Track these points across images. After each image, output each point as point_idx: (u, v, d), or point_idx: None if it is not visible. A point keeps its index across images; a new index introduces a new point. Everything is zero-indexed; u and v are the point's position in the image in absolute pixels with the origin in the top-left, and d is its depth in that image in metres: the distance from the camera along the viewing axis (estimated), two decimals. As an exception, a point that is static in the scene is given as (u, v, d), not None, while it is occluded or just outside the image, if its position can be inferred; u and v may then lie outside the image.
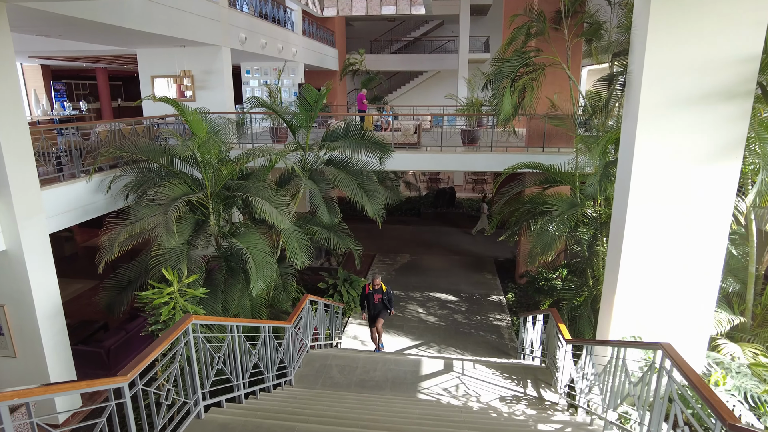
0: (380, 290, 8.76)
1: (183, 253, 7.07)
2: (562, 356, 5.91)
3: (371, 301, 8.80)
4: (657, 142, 5.14)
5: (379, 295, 8.77)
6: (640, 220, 5.40)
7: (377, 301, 8.78)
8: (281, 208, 7.44)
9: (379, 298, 8.78)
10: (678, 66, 4.87)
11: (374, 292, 8.75)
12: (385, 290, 8.78)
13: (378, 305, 8.85)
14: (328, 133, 9.27)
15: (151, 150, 8.06)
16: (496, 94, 10.19)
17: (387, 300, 8.80)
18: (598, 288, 8.96)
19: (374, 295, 8.77)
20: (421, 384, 6.38)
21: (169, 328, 3.52)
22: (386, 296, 8.79)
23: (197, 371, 3.78)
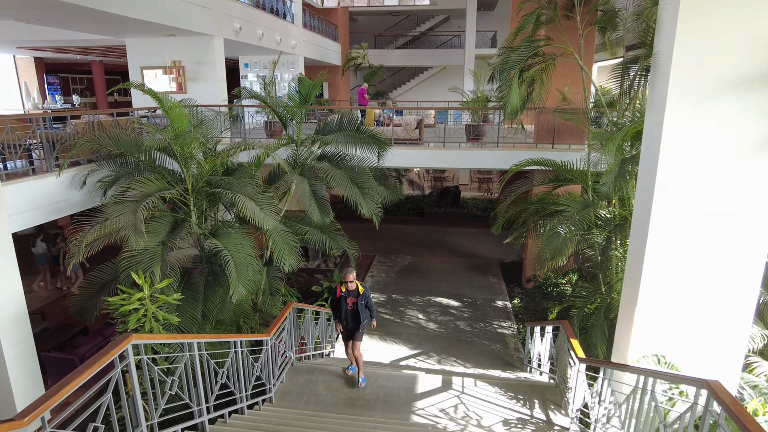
0: (356, 292, 6.42)
1: (157, 254, 6.44)
2: (574, 376, 5.24)
3: (343, 307, 6.49)
4: (688, 134, 4.45)
5: (353, 299, 6.42)
6: (665, 224, 4.72)
7: (351, 307, 6.44)
8: (266, 207, 6.80)
9: (353, 304, 6.41)
10: (715, 44, 4.18)
11: (347, 294, 6.47)
12: (362, 292, 6.43)
13: (351, 314, 6.45)
14: (320, 126, 8.62)
15: (128, 143, 7.45)
16: (502, 86, 9.50)
17: (366, 306, 6.49)
18: (612, 296, 8.28)
19: (347, 299, 6.45)
20: (416, 403, 5.73)
21: (97, 353, 2.90)
22: (364, 301, 6.43)
23: (140, 401, 3.16)
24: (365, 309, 6.47)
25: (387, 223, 17.36)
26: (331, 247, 8.25)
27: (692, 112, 4.38)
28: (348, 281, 6.32)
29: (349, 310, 6.46)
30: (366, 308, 6.49)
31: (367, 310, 6.51)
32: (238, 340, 4.83)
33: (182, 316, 6.71)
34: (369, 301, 6.51)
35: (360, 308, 6.42)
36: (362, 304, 6.43)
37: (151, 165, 7.59)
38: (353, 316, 6.48)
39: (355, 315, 6.48)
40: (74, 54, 16.32)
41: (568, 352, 5.62)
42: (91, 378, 2.79)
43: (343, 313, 6.49)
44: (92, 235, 6.30)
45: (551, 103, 10.20)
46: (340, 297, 6.48)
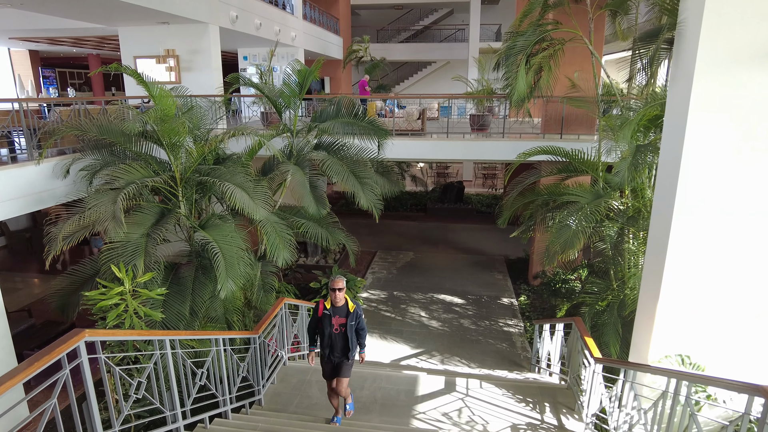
0: (345, 310, 4.79)
1: (140, 247, 6.04)
2: (589, 377, 4.80)
3: (327, 330, 4.76)
4: (719, 107, 4.00)
5: (341, 320, 4.76)
6: (691, 211, 4.27)
7: (338, 330, 4.76)
8: (257, 196, 6.38)
9: (341, 326, 4.77)
10: (755, 5, 3.72)
11: (333, 312, 4.76)
12: (353, 309, 4.81)
13: (338, 340, 4.80)
14: (317, 113, 8.19)
15: (113, 130, 7.03)
16: (508, 72, 9.05)
17: (356, 330, 4.86)
18: (625, 292, 7.83)
19: (333, 319, 4.74)
20: (416, 407, 5.30)
21: (39, 352, 2.49)
22: (354, 321, 4.80)
23: (94, 407, 2.74)
24: (353, 332, 4.82)
25: (389, 219, 16.96)
26: (328, 241, 7.82)
27: (724, 81, 3.92)
28: (336, 288, 4.68)
29: (335, 334, 4.74)
30: (358, 333, 4.88)
31: (357, 336, 4.89)
32: (220, 338, 4.41)
33: (169, 313, 6.32)
34: (361, 322, 4.86)
35: (350, 332, 4.76)
36: (351, 325, 4.76)
37: (138, 153, 7.18)
38: (340, 343, 4.77)
39: (342, 342, 4.77)
40: (68, 46, 15.95)
41: (581, 352, 5.18)
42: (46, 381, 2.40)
43: (325, 338, 4.74)
44: (70, 226, 5.90)
45: (559, 92, 9.75)
46: (323, 316, 4.71)
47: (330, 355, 4.85)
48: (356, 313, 4.86)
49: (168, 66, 11.66)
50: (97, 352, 2.90)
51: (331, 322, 4.77)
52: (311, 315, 4.90)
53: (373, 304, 10.45)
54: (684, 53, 4.26)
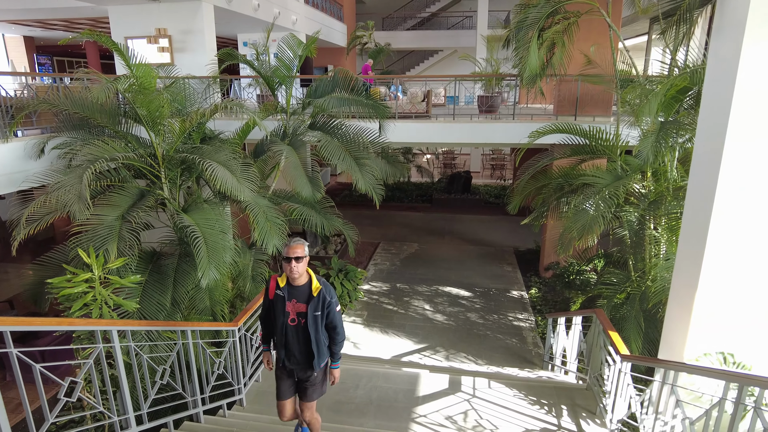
0: (306, 291, 3.40)
1: (114, 230, 5.50)
2: (614, 377, 4.19)
3: (280, 318, 3.42)
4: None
5: (300, 306, 3.40)
6: (739, 188, 3.63)
7: (295, 321, 3.41)
8: (242, 176, 5.81)
9: (299, 315, 3.41)
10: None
11: (289, 294, 3.41)
12: (318, 292, 3.38)
13: (296, 337, 3.44)
14: (311, 88, 7.59)
15: (90, 105, 6.47)
16: (519, 47, 8.39)
17: (327, 326, 3.49)
18: (646, 283, 7.19)
19: (287, 305, 3.40)
20: (416, 409, 4.71)
21: None
22: (319, 311, 3.39)
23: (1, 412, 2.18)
24: (322, 328, 3.40)
25: (393, 210, 16.37)
26: (323, 227, 7.23)
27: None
28: (292, 257, 3.25)
29: (292, 326, 3.36)
30: (324, 327, 3.43)
31: (323, 331, 3.43)
32: (188, 330, 3.83)
33: (147, 303, 5.78)
34: (333, 315, 3.41)
35: (313, 325, 3.33)
36: (316, 317, 3.33)
37: (117, 131, 6.62)
38: (300, 342, 3.38)
39: (303, 340, 3.38)
40: (62, 30, 15.46)
41: (604, 348, 4.57)
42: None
43: (278, 332, 3.40)
44: (33, 209, 5.36)
45: (573, 70, 9.07)
46: (275, 299, 3.42)
47: (286, 360, 3.43)
48: (322, 298, 3.32)
49: (160, 46, 11.09)
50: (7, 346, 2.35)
51: (284, 309, 3.34)
52: (264, 297, 3.54)
53: (375, 297, 9.88)
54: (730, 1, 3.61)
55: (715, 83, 3.84)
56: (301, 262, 3.32)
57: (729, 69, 3.53)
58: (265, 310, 3.57)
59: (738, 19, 3.47)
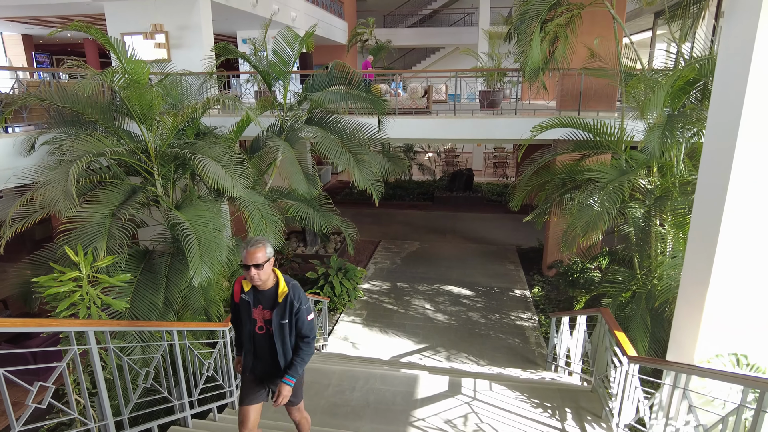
0: (272, 296, 3.03)
1: (104, 227, 5.34)
2: (620, 379, 4.01)
3: (246, 325, 3.13)
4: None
5: (266, 313, 3.06)
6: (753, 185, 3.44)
7: (263, 329, 3.09)
8: (236, 171, 5.64)
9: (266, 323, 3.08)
10: None
11: (254, 299, 3.07)
12: (284, 295, 2.99)
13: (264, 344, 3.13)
14: (308, 82, 7.42)
15: (81, 100, 6.31)
16: (521, 40, 8.20)
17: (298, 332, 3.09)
18: (652, 281, 7.00)
19: (253, 311, 3.07)
20: (414, 412, 4.54)
21: None
22: (287, 318, 3.02)
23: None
24: (292, 337, 3.06)
25: (394, 209, 16.18)
26: (320, 225, 7.06)
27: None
28: (251, 265, 2.84)
29: (260, 335, 3.08)
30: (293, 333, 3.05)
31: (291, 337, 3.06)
32: (174, 330, 3.67)
33: (139, 303, 5.62)
34: (303, 322, 3.02)
35: (279, 334, 3.02)
36: (283, 324, 3.00)
37: (109, 126, 6.45)
38: (269, 350, 3.08)
39: (269, 348, 3.08)
40: (58, 26, 15.32)
41: (610, 349, 4.39)
42: None
43: (245, 337, 3.12)
44: (18, 207, 5.21)
45: (577, 64, 8.90)
46: (241, 303, 3.10)
47: (254, 366, 3.14)
48: (289, 303, 2.96)
49: (156, 42, 10.94)
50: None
51: (251, 315, 3.05)
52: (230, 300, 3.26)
53: (375, 296, 9.70)
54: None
55: (726, 73, 3.65)
56: (262, 269, 2.87)
57: (742, 57, 3.34)
58: (234, 314, 3.25)
59: (751, 2, 3.28)
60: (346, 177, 20.98)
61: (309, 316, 3.07)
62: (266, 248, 2.92)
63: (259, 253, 2.87)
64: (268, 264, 2.91)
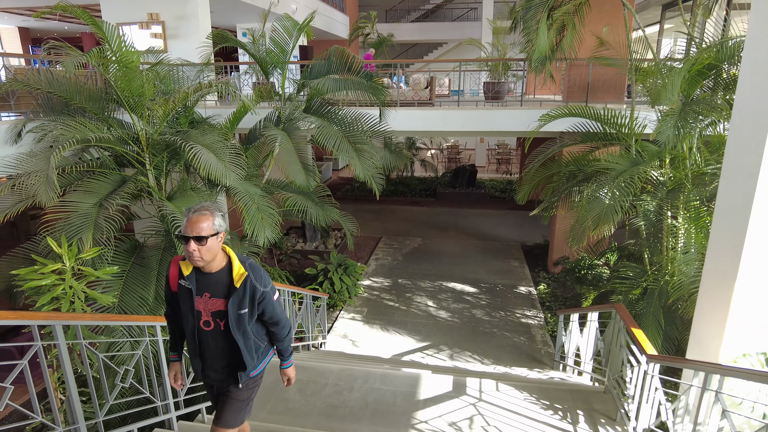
0: (223, 279, 2.36)
1: (90, 218, 5.09)
2: (638, 380, 3.74)
3: (189, 321, 2.42)
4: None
5: (216, 302, 2.37)
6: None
7: (211, 325, 2.41)
8: (229, 159, 5.37)
9: (215, 316, 2.40)
10: None
11: (198, 286, 2.36)
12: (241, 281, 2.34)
13: (215, 344, 2.46)
14: (306, 70, 7.15)
15: (68, 87, 6.05)
16: (527, 29, 7.92)
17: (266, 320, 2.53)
18: (664, 277, 6.72)
19: (198, 301, 2.37)
20: (416, 414, 4.27)
21: None
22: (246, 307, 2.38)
23: None
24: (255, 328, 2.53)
25: (396, 205, 15.90)
26: (319, 218, 6.79)
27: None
28: (191, 236, 2.22)
29: (207, 332, 2.43)
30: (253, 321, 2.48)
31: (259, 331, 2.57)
32: (158, 326, 3.40)
33: (128, 297, 5.38)
34: (268, 304, 2.47)
35: (238, 328, 2.42)
36: (242, 316, 2.39)
37: (98, 113, 6.19)
38: (223, 349, 2.47)
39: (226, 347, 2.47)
40: (57, 20, 15.08)
41: (625, 347, 4.11)
42: None
43: (189, 335, 2.47)
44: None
45: (584, 54, 8.61)
46: (179, 290, 2.43)
47: (205, 371, 2.55)
48: (250, 289, 2.35)
49: (153, 32, 10.69)
50: None
51: (193, 307, 2.37)
52: (165, 287, 2.51)
53: (376, 293, 9.44)
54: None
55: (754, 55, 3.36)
56: (205, 244, 2.21)
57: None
58: (169, 305, 2.54)
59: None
60: (347, 173, 20.72)
61: (275, 297, 2.51)
62: (214, 218, 2.26)
63: (203, 223, 2.21)
64: (215, 240, 2.26)
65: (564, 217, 9.20)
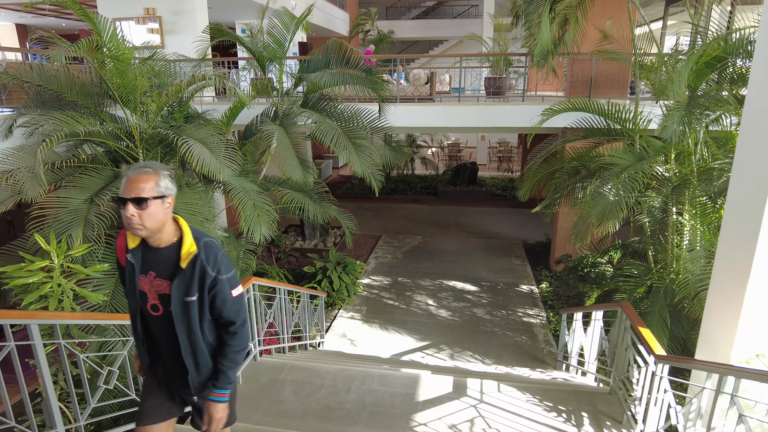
0: (170, 258, 2.00)
1: (80, 214, 4.95)
2: (645, 381, 3.59)
3: (132, 304, 2.12)
4: None
5: (162, 284, 2.02)
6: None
7: (157, 309, 2.06)
8: (223, 154, 5.23)
9: (162, 299, 2.04)
10: None
11: (144, 261, 2.03)
12: (189, 259, 1.97)
13: (163, 332, 2.10)
14: (303, 64, 7.00)
15: (60, 80, 5.91)
16: (529, 22, 7.78)
17: (217, 318, 2.09)
18: (670, 276, 6.58)
19: (143, 280, 2.04)
20: (415, 416, 4.13)
21: None
22: (194, 293, 2.00)
23: None
24: (206, 322, 2.09)
25: (396, 203, 15.76)
26: (316, 214, 6.65)
27: None
28: (128, 197, 1.87)
29: (156, 317, 2.09)
30: (205, 317, 2.08)
31: (210, 328, 2.13)
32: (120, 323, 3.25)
33: (121, 295, 5.23)
34: (221, 294, 2.04)
35: (182, 317, 2.04)
36: (189, 302, 2.01)
37: (89, 107, 6.05)
38: (166, 336, 2.11)
39: (169, 335, 2.09)
40: (54, 17, 14.95)
41: (632, 347, 3.96)
42: None
43: (132, 319, 2.17)
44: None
45: (587, 48, 8.46)
46: (127, 267, 2.08)
47: (154, 366, 2.24)
48: (199, 270, 1.99)
49: (149, 28, 10.55)
50: None
51: (136, 287, 2.06)
52: None
53: (375, 291, 9.30)
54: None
55: None
56: (145, 207, 1.86)
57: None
58: (124, 284, 2.18)
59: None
60: (347, 171, 20.57)
61: (234, 291, 2.06)
62: (160, 178, 1.91)
63: (145, 183, 1.87)
64: (159, 204, 1.90)
65: (567, 214, 9.06)
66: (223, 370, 2.13)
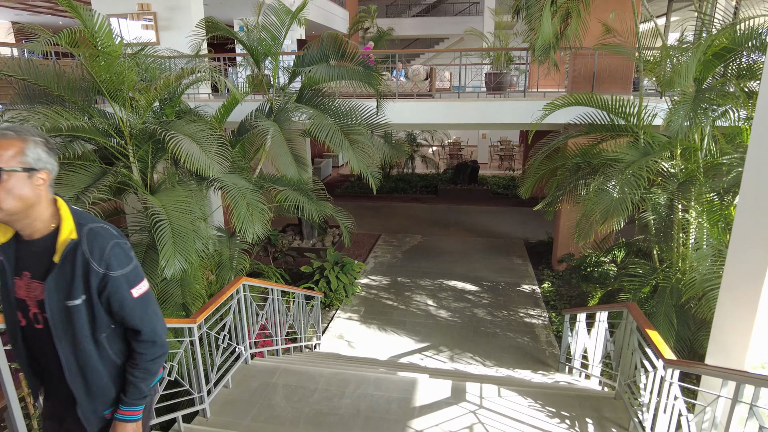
0: (46, 248, 1.56)
1: (65, 213, 4.76)
2: (653, 385, 3.41)
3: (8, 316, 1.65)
4: None
5: (35, 285, 1.58)
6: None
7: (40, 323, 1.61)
8: (213, 150, 5.05)
9: (40, 306, 1.59)
10: None
11: (18, 259, 1.59)
12: (64, 245, 1.53)
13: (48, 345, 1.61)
14: (298, 58, 6.82)
15: (46, 75, 5.74)
16: (530, 15, 7.59)
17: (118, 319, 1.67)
18: (676, 275, 6.38)
19: (17, 283, 1.60)
20: (411, 422, 3.95)
21: None
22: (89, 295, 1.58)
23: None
24: (97, 328, 1.64)
25: (396, 202, 15.58)
26: (312, 213, 6.47)
27: None
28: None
29: (39, 331, 1.64)
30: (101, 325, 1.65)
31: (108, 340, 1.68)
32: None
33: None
34: (118, 296, 1.63)
35: (64, 327, 1.60)
36: (74, 307, 1.58)
37: (77, 103, 5.88)
38: (51, 353, 1.64)
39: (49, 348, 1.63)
40: (49, 14, 14.80)
41: (639, 350, 3.78)
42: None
43: (10, 334, 1.70)
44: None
45: (589, 42, 8.28)
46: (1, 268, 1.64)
47: (47, 391, 1.80)
48: (80, 264, 1.57)
49: (144, 24, 10.38)
50: None
51: (12, 293, 1.64)
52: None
53: (374, 291, 9.12)
54: None
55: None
56: (3, 183, 1.46)
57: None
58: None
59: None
60: (347, 170, 20.40)
61: (134, 291, 1.66)
62: (27, 145, 1.50)
63: (2, 150, 1.46)
64: (25, 180, 1.50)
65: (569, 212, 8.88)
66: (133, 382, 1.71)
